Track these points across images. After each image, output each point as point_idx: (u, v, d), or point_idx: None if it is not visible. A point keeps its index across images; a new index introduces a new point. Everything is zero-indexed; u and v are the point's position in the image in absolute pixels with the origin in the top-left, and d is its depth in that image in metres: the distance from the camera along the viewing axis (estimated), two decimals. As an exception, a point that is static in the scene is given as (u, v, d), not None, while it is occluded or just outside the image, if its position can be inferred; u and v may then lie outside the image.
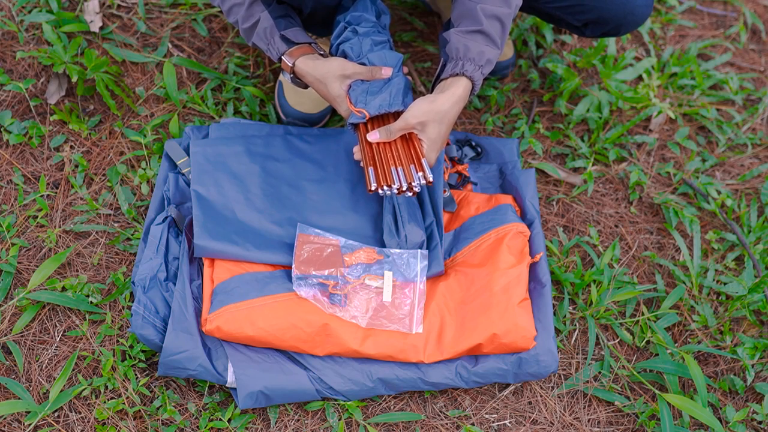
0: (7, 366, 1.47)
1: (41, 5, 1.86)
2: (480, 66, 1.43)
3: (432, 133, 1.41)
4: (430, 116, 1.40)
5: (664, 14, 2.14)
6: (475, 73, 1.43)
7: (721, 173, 1.89)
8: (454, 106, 1.42)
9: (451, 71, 1.43)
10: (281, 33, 1.48)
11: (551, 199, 1.79)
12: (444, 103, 1.41)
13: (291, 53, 1.49)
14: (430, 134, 1.41)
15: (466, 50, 1.42)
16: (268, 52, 1.51)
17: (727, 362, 1.63)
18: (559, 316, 1.62)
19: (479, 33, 1.43)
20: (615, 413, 1.55)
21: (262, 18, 1.48)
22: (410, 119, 1.40)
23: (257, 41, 1.50)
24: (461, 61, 1.42)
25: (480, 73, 1.43)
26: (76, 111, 1.76)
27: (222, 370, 1.43)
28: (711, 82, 2.01)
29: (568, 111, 1.90)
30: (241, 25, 1.51)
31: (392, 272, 1.51)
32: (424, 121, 1.40)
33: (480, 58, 1.43)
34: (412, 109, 1.40)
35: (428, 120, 1.40)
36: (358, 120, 1.43)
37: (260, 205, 1.58)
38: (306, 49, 1.50)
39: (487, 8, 1.42)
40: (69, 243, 1.60)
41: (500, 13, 1.43)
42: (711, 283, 1.70)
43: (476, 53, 1.42)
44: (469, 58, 1.42)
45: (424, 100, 1.41)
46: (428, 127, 1.41)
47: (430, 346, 1.47)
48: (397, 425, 1.48)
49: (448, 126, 1.43)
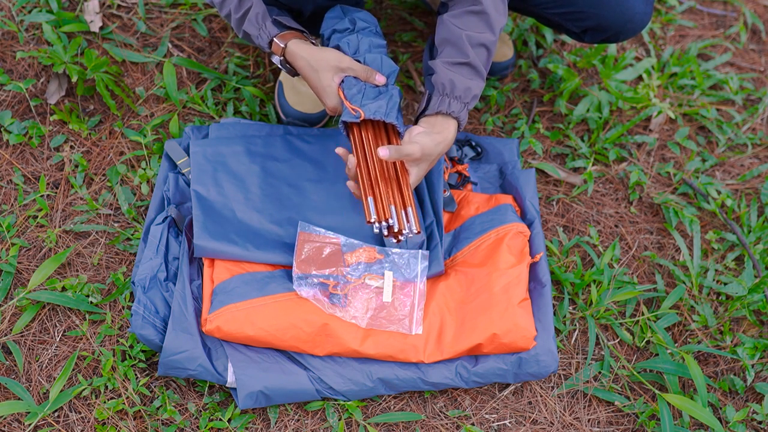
0: (7, 366, 1.47)
1: (41, 5, 1.86)
2: (466, 103, 1.41)
3: (422, 171, 1.39)
4: (428, 153, 1.37)
5: (664, 14, 2.14)
6: (462, 113, 1.41)
7: (721, 173, 1.89)
8: (445, 148, 1.41)
9: (438, 108, 1.40)
10: (273, 18, 1.46)
11: (551, 199, 1.79)
12: (440, 145, 1.39)
13: (283, 36, 1.45)
14: (419, 171, 1.39)
15: (453, 87, 1.39)
16: (259, 39, 1.46)
17: (727, 362, 1.63)
18: (559, 316, 1.62)
19: (466, 66, 1.40)
20: (615, 413, 1.55)
21: (255, 3, 1.45)
22: (415, 151, 1.35)
23: (248, 27, 1.46)
24: (448, 99, 1.40)
25: (466, 111, 1.41)
26: (76, 111, 1.76)
27: (222, 370, 1.43)
28: (711, 82, 2.01)
29: (568, 111, 1.90)
30: (233, 15, 1.48)
31: (392, 272, 1.51)
32: (422, 156, 1.37)
33: (466, 95, 1.40)
34: (418, 140, 1.36)
35: (425, 156, 1.37)
36: (352, 119, 1.40)
37: (260, 205, 1.58)
38: (298, 34, 1.47)
39: (473, 37, 1.39)
40: (69, 243, 1.60)
41: (485, 41, 1.41)
42: (711, 283, 1.70)
43: (462, 90, 1.40)
44: (455, 96, 1.40)
45: (427, 136, 1.37)
46: (422, 163, 1.38)
47: (430, 346, 1.47)
48: (397, 425, 1.48)
49: (431, 167, 1.42)
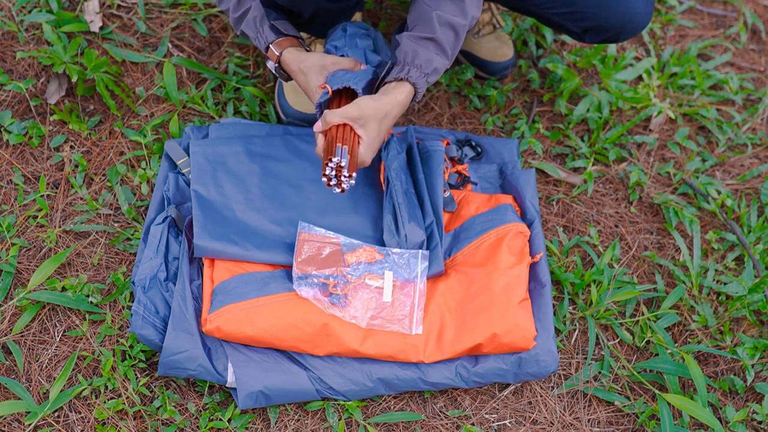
0: (7, 366, 1.47)
1: (41, 5, 1.86)
2: (426, 74, 1.42)
3: (371, 132, 1.41)
4: (372, 113, 1.39)
5: (664, 14, 2.14)
6: (419, 80, 1.42)
7: (721, 173, 1.89)
8: (394, 108, 1.42)
9: (396, 75, 1.42)
10: (271, 23, 1.49)
11: (551, 199, 1.79)
12: (386, 105, 1.40)
13: (279, 43, 1.50)
14: (369, 132, 1.40)
15: (415, 56, 1.41)
16: (256, 41, 1.51)
17: (727, 362, 1.63)
18: (559, 316, 1.62)
19: (431, 41, 1.42)
20: (615, 413, 1.55)
21: (253, 7, 1.50)
22: (352, 111, 1.39)
23: (246, 29, 1.51)
24: (408, 67, 1.41)
25: (425, 81, 1.43)
26: (76, 111, 1.76)
27: (222, 370, 1.43)
28: (711, 82, 2.01)
29: (568, 111, 1.90)
30: (231, 14, 1.52)
31: (392, 272, 1.51)
32: (366, 117, 1.39)
33: (427, 66, 1.42)
34: (357, 102, 1.40)
35: (369, 117, 1.39)
36: (324, 97, 1.43)
37: (260, 205, 1.58)
38: (293, 41, 1.51)
39: (443, 16, 1.41)
40: (69, 243, 1.60)
41: (455, 23, 1.42)
42: (711, 283, 1.70)
43: (424, 60, 1.41)
44: (416, 64, 1.41)
45: (369, 98, 1.40)
46: (369, 124, 1.40)
47: (430, 346, 1.47)
48: (397, 425, 1.48)
49: (386, 129, 1.43)
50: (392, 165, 1.61)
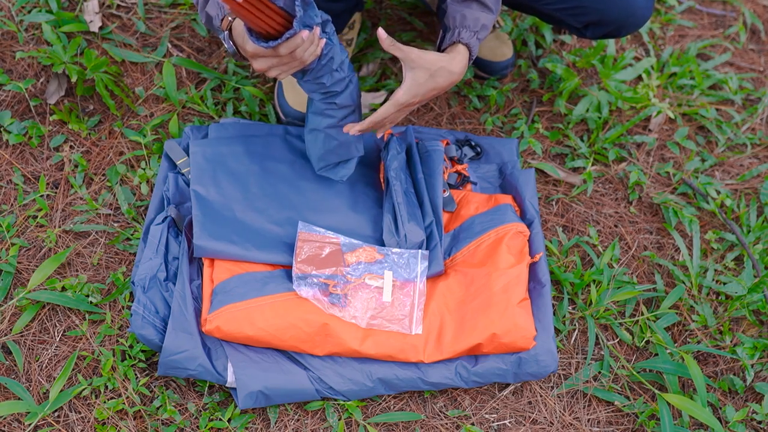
0: (7, 366, 1.47)
1: (41, 5, 1.86)
2: (476, 32, 1.47)
3: (419, 77, 1.42)
4: (427, 62, 1.41)
5: (663, 14, 2.14)
6: (471, 39, 1.46)
7: (720, 173, 1.89)
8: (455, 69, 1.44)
9: (450, 40, 1.46)
10: None
11: (551, 199, 1.79)
12: (443, 59, 1.43)
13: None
14: (417, 77, 1.42)
15: (463, 18, 1.46)
16: (215, 19, 1.38)
17: (727, 362, 1.63)
18: (558, 316, 1.62)
19: (474, 1, 1.47)
20: (615, 413, 1.55)
21: None
22: (412, 50, 1.40)
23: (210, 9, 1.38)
24: (458, 29, 1.46)
25: (476, 39, 1.47)
26: (75, 111, 1.76)
27: (222, 370, 1.43)
28: (710, 82, 2.01)
29: (567, 111, 1.90)
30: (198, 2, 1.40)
31: (392, 272, 1.51)
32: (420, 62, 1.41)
33: (475, 24, 1.46)
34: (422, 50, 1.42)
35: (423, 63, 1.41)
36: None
37: (260, 204, 1.58)
38: None
39: None
40: (69, 243, 1.60)
41: None
42: (710, 283, 1.70)
43: (472, 20, 1.46)
44: (465, 25, 1.46)
45: (432, 53, 1.43)
46: (419, 70, 1.42)
47: (430, 346, 1.47)
48: (397, 425, 1.48)
49: (433, 86, 1.44)
50: (392, 165, 1.61)
